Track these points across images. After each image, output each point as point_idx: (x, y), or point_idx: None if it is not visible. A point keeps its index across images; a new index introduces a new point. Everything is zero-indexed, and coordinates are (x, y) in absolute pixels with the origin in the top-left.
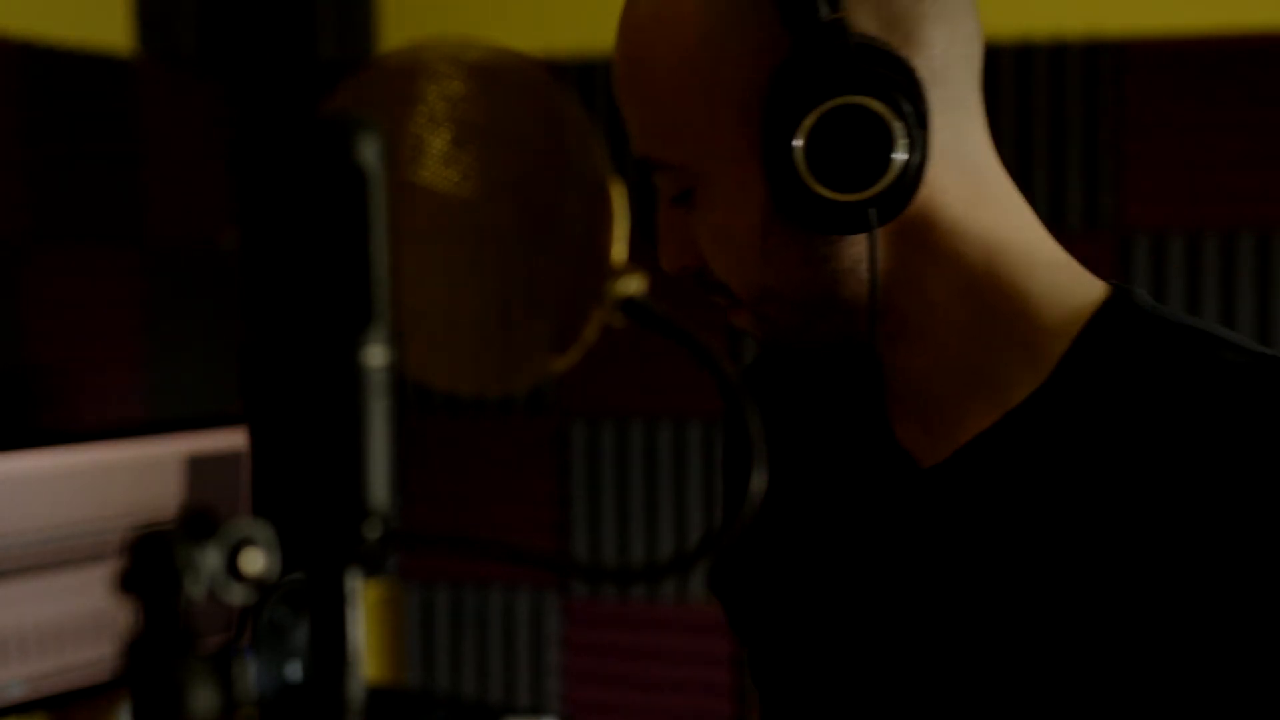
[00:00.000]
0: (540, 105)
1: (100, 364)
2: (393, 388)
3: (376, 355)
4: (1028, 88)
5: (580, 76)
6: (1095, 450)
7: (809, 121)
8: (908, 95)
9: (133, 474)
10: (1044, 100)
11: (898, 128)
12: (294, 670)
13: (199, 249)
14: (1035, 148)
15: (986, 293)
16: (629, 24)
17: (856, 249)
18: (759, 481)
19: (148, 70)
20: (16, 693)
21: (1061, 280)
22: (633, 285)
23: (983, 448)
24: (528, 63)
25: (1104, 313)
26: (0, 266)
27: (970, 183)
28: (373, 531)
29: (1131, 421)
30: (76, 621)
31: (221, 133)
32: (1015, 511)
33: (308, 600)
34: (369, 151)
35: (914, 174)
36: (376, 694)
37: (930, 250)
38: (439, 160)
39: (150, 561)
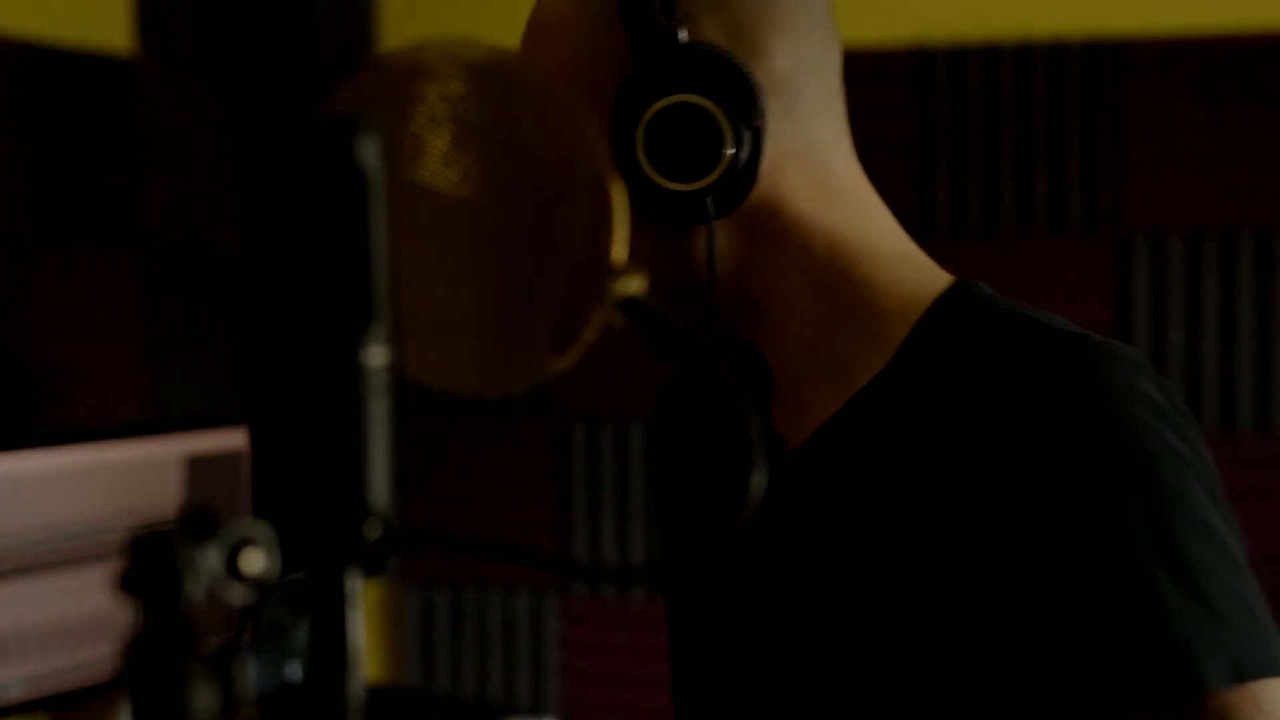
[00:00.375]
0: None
1: (100, 364)
2: (393, 388)
3: (376, 355)
4: (1028, 88)
5: None
6: (926, 425)
7: (646, 118)
8: (739, 96)
9: (133, 474)
10: (1044, 100)
11: (726, 124)
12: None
13: (199, 249)
14: (1035, 148)
15: (833, 284)
16: (523, 38)
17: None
18: (759, 481)
19: (148, 70)
20: (16, 693)
21: (906, 273)
22: (633, 285)
23: (832, 429)
24: (528, 63)
25: (941, 301)
26: (0, 266)
27: (818, 182)
28: (373, 531)
29: (956, 397)
30: (76, 621)
31: (221, 133)
32: (860, 486)
33: (308, 600)
34: (369, 151)
35: (746, 168)
36: (376, 694)
37: (779, 244)
38: (439, 160)
39: (150, 561)
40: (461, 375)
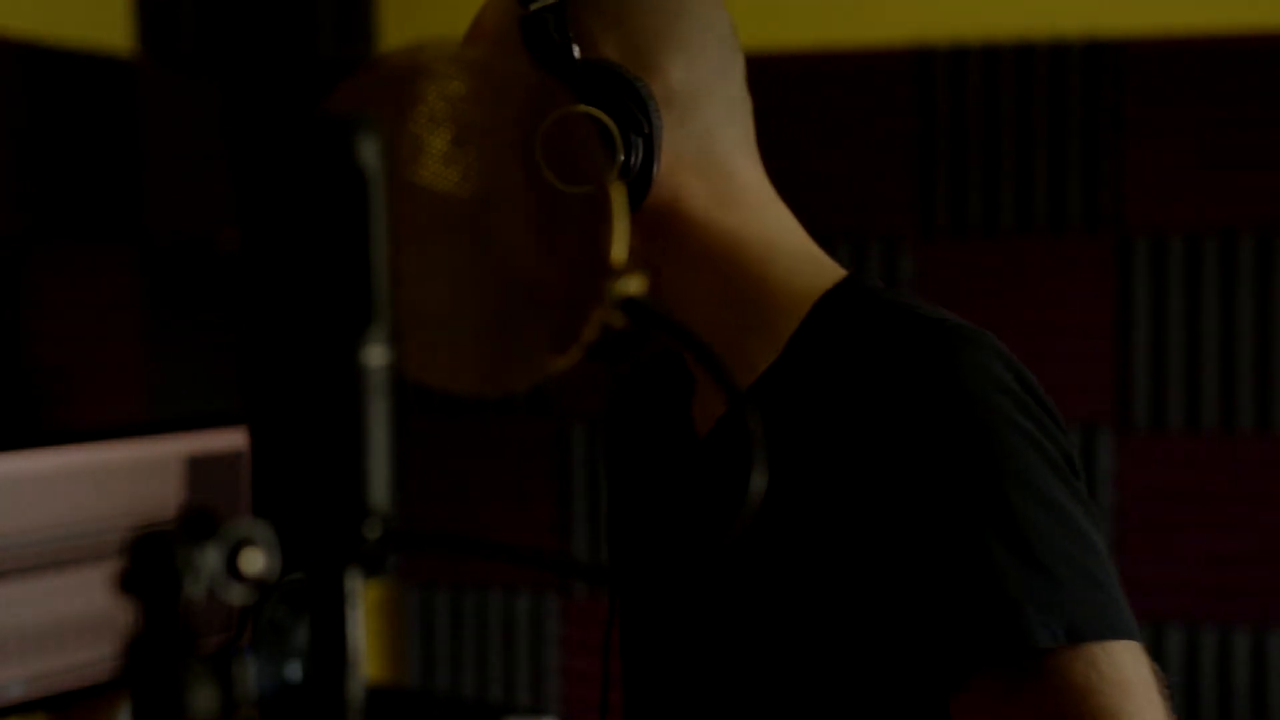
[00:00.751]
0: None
1: (100, 364)
2: (393, 388)
3: (376, 355)
4: (1028, 88)
5: None
6: (809, 410)
7: (543, 126)
8: (629, 107)
9: (133, 474)
10: (1044, 100)
11: (616, 132)
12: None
13: (199, 249)
14: (1035, 148)
15: (731, 281)
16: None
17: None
18: (759, 481)
19: (148, 70)
20: (16, 693)
21: (801, 270)
22: (633, 285)
23: (729, 419)
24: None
25: (828, 295)
26: (0, 266)
27: (717, 187)
28: (373, 531)
29: (835, 383)
30: (76, 621)
31: (221, 133)
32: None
33: (308, 600)
34: (369, 151)
35: (640, 173)
36: (376, 694)
37: (679, 244)
38: (439, 160)
39: (150, 561)
40: (461, 375)
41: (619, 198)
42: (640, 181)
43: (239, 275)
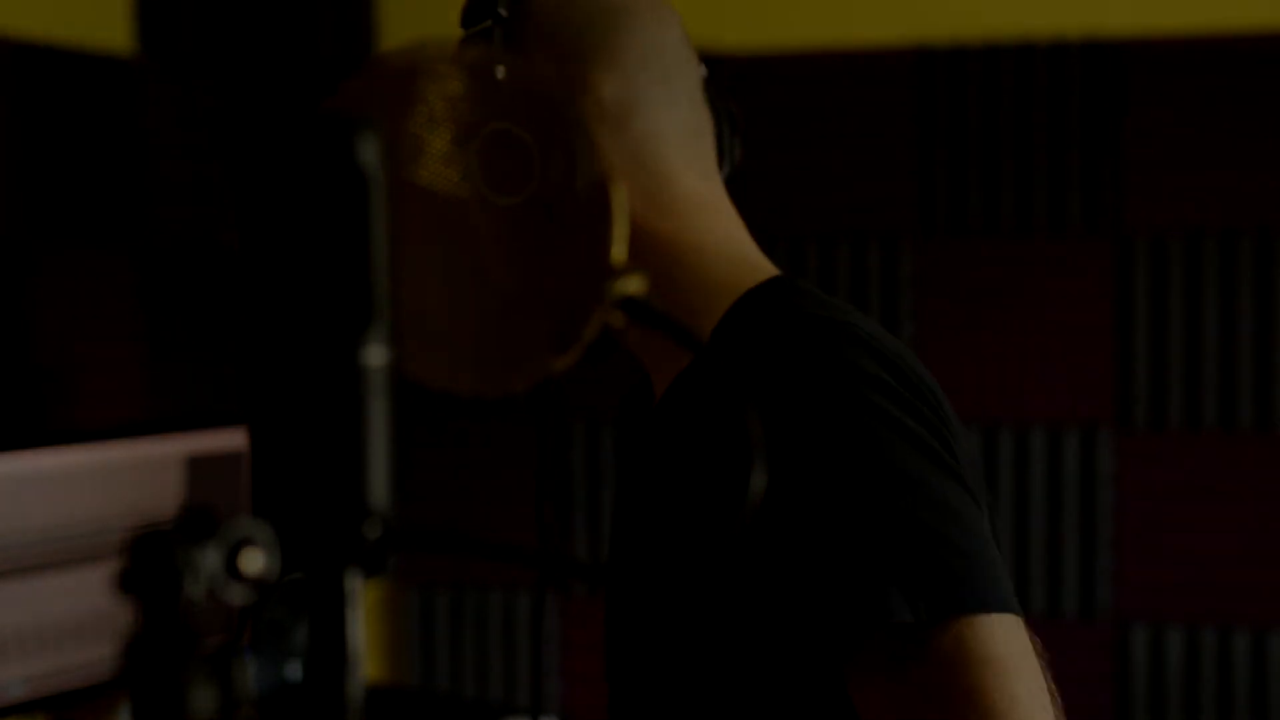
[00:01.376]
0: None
1: (100, 364)
2: (392, 388)
3: (376, 355)
4: (1028, 88)
5: None
6: (712, 404)
7: (474, 145)
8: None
9: (133, 474)
10: (1044, 100)
11: (534, 147)
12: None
13: (199, 249)
14: (1035, 148)
15: (659, 284)
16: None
17: None
18: (759, 480)
19: (148, 70)
20: (16, 693)
21: (730, 273)
22: (632, 285)
23: (657, 412)
24: (528, 63)
25: (745, 296)
26: (1, 266)
27: (651, 194)
28: (373, 531)
29: (734, 376)
30: (76, 621)
31: (221, 133)
32: (668, 464)
33: (308, 600)
34: (369, 151)
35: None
36: (376, 694)
37: (657, 231)
38: (439, 160)
39: (150, 561)
40: (461, 375)
41: (619, 198)
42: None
43: (239, 275)
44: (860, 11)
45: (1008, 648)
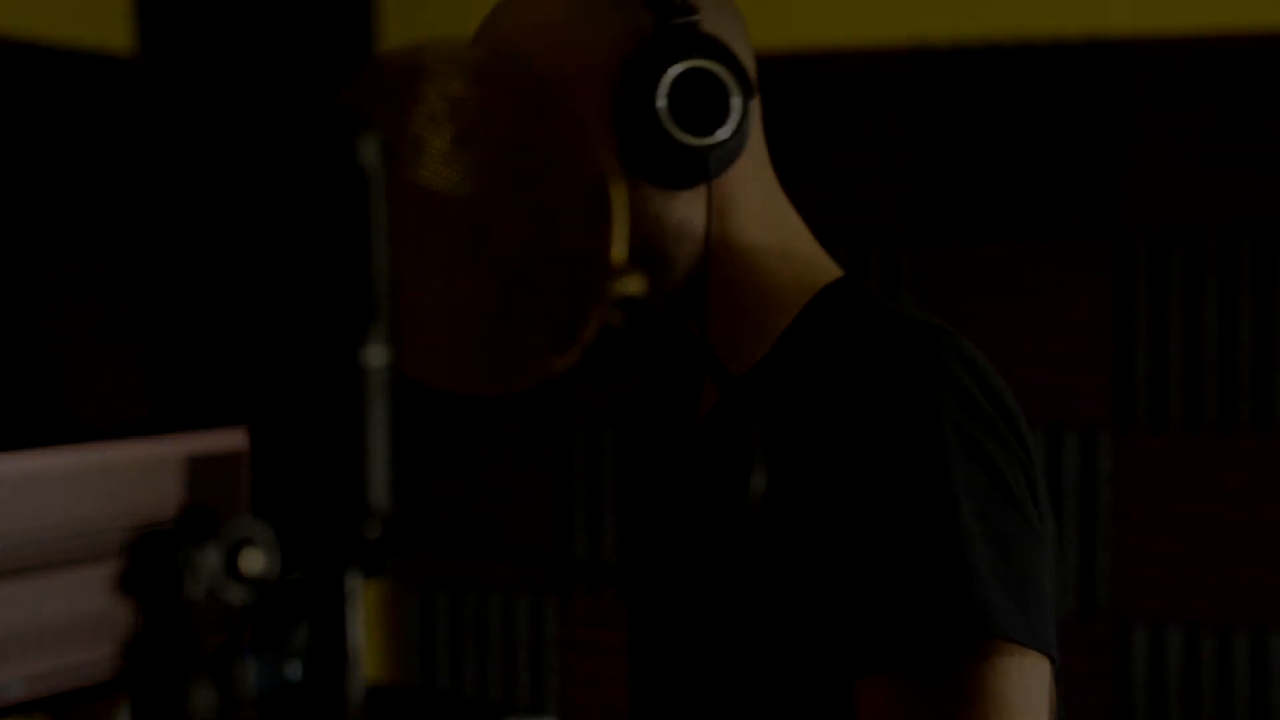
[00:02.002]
0: (540, 105)
1: (100, 364)
2: (393, 388)
3: (376, 355)
4: (1028, 88)
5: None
6: (787, 404)
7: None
8: (743, 74)
9: (133, 474)
10: (1044, 100)
11: (737, 90)
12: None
13: (200, 248)
14: (1035, 148)
15: (730, 286)
16: (500, 22)
17: (684, 209)
18: (759, 481)
19: (148, 70)
20: (16, 693)
21: (798, 272)
22: (633, 285)
23: (719, 407)
24: (528, 63)
25: (819, 296)
26: (1, 265)
27: (761, 176)
28: (373, 531)
29: (808, 378)
30: (76, 621)
31: (221, 133)
32: (731, 465)
33: (308, 600)
34: (369, 151)
35: (736, 138)
36: (376, 694)
37: (727, 226)
38: (439, 160)
39: (150, 561)
40: (461, 375)
41: (619, 197)
42: (735, 148)
43: (240, 275)
44: (860, 11)
45: (1017, 689)
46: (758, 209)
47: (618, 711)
